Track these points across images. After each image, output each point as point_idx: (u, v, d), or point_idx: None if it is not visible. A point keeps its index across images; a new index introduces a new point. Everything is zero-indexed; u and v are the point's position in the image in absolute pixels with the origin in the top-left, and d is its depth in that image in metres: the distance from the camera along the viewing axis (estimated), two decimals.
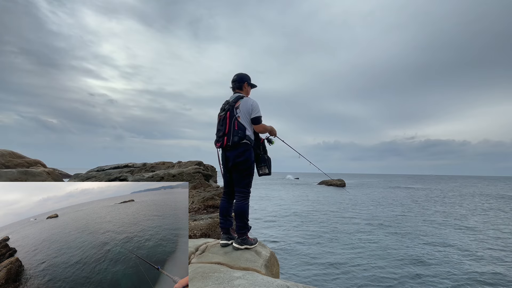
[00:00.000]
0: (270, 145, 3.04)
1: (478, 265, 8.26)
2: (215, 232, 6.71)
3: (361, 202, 24.49)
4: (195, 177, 13.48)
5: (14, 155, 13.53)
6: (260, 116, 2.76)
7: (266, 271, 2.38)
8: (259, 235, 11.31)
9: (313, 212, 17.94)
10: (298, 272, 7.45)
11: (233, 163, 2.68)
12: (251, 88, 3.04)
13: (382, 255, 9.09)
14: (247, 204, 2.74)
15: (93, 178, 15.01)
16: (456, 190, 41.92)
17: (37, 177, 11.48)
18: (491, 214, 18.12)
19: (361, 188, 43.83)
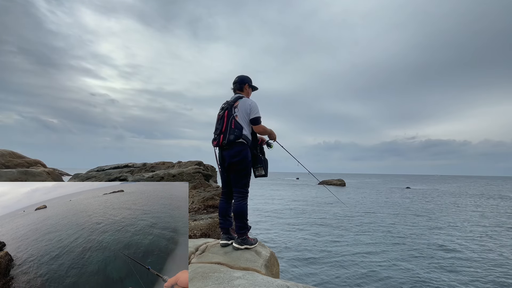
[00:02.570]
0: (269, 149, 3.02)
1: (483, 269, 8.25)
2: (215, 232, 6.70)
3: (361, 202, 24.47)
4: (195, 177, 13.47)
5: (14, 155, 13.51)
6: (259, 117, 2.76)
7: (266, 271, 2.38)
8: (259, 235, 11.30)
9: (313, 212, 17.93)
10: (298, 272, 7.45)
11: (229, 162, 2.66)
12: (253, 90, 3.04)
13: (383, 255, 9.09)
14: (245, 204, 2.73)
15: (93, 178, 15.00)
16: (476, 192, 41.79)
17: (37, 177, 11.47)
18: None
19: (361, 188, 43.79)
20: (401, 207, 21.24)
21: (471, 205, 23.11)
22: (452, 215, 17.58)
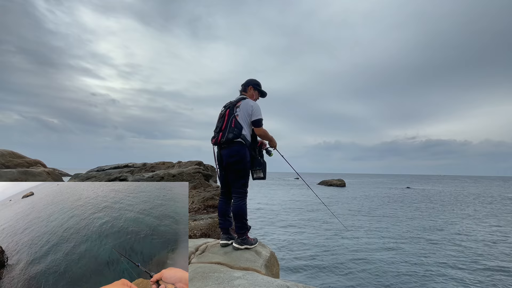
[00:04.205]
0: (269, 156, 3.01)
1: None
2: (215, 232, 6.70)
3: (361, 202, 24.47)
4: (195, 177, 13.46)
5: (14, 155, 13.51)
6: (261, 119, 2.75)
7: (266, 271, 2.38)
8: (259, 235, 11.30)
9: (313, 212, 17.93)
10: (298, 272, 7.44)
11: (227, 162, 2.66)
12: (261, 95, 3.03)
13: (383, 255, 9.08)
14: (244, 204, 2.72)
15: (93, 178, 14.99)
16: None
17: (37, 177, 11.46)
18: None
19: (361, 188, 43.78)
20: (401, 207, 21.23)
21: (472, 206, 23.11)
22: (451, 216, 17.57)
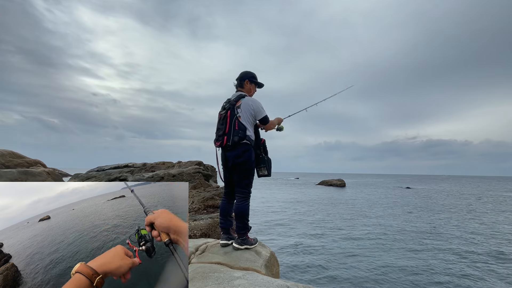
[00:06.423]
0: (281, 131, 3.05)
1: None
2: (215, 232, 6.69)
3: (361, 202, 24.47)
4: (195, 177, 13.47)
5: (14, 155, 13.52)
6: (266, 116, 2.76)
7: (266, 271, 2.38)
8: (259, 235, 11.30)
9: (313, 212, 17.93)
10: (298, 272, 7.44)
11: (233, 163, 2.65)
12: (258, 87, 2.97)
13: (383, 255, 9.08)
14: (247, 204, 2.72)
15: (93, 178, 14.99)
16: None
17: (37, 177, 11.47)
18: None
19: (361, 188, 43.78)
20: (401, 207, 21.23)
21: (473, 205, 23.11)
22: (452, 215, 17.57)
